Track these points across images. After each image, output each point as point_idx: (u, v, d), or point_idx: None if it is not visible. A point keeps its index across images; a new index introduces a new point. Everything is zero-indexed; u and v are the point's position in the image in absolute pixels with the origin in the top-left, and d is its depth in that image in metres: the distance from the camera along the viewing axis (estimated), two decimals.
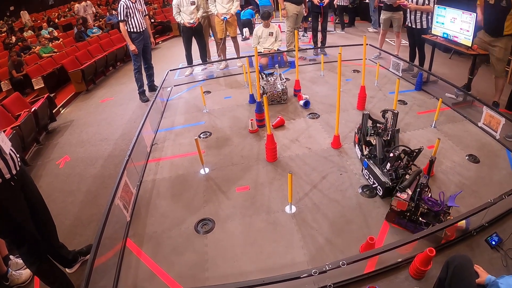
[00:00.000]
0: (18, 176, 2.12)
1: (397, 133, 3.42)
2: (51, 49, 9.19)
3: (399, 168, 2.99)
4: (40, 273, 2.39)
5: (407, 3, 5.43)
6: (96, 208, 3.42)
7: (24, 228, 2.16)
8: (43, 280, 2.44)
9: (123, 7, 5.22)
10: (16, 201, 2.12)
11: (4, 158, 2.00)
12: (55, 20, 14.89)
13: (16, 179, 2.10)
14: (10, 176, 2.05)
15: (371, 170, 3.22)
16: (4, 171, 2.01)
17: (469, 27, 4.42)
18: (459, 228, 2.64)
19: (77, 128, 5.37)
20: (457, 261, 1.95)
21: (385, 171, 3.06)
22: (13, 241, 2.23)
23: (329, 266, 2.18)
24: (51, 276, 2.42)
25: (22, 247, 2.22)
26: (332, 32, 9.40)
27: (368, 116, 3.49)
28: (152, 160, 4.08)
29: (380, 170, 3.14)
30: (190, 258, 2.71)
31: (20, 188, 2.15)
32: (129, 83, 6.92)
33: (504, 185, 3.14)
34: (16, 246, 2.23)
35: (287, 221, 2.96)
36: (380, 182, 3.07)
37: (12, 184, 2.07)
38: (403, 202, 2.67)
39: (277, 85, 5.06)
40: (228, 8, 6.29)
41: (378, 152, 3.22)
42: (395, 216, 2.78)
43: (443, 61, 6.58)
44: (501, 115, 3.76)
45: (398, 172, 3.00)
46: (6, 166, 2.02)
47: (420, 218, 2.68)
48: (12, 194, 2.08)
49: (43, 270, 2.37)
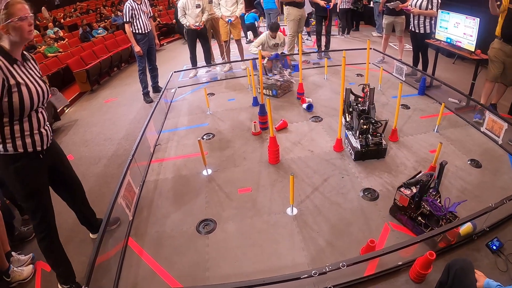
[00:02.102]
0: (48, 151, 2.29)
1: (373, 109, 3.86)
2: (56, 49, 9.25)
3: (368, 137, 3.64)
4: (47, 252, 2.43)
5: (410, 8, 5.44)
6: (99, 207, 3.41)
7: (40, 197, 2.28)
8: (49, 260, 2.47)
9: (128, 8, 5.27)
10: (39, 171, 2.25)
11: (40, 133, 2.17)
12: (61, 20, 14.99)
13: (45, 154, 2.26)
14: (40, 149, 2.20)
15: (348, 139, 3.82)
16: (37, 143, 2.16)
17: (472, 32, 4.43)
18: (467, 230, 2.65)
19: (81, 127, 5.41)
20: (458, 265, 1.95)
21: (356, 139, 3.67)
22: (28, 208, 2.31)
23: (329, 268, 2.19)
24: (57, 258, 2.47)
25: (36, 217, 2.30)
26: (336, 36, 9.43)
27: (350, 90, 4.10)
28: (155, 160, 4.10)
29: (354, 139, 3.72)
30: (191, 258, 2.73)
31: (47, 161, 2.32)
32: (134, 84, 6.96)
33: (506, 190, 3.14)
34: (31, 214, 2.31)
35: (288, 223, 2.97)
36: (352, 147, 3.70)
37: (41, 157, 2.23)
38: (404, 197, 2.75)
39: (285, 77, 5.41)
40: (232, 11, 6.33)
41: (354, 124, 3.76)
42: (397, 210, 2.89)
43: (446, 66, 6.59)
44: (504, 120, 3.76)
45: (368, 141, 3.63)
46: (40, 139, 2.18)
47: (419, 218, 2.71)
48: (37, 164, 2.22)
49: (52, 250, 2.43)
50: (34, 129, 2.11)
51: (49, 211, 2.36)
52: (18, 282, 2.67)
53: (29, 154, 2.13)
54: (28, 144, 2.10)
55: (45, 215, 2.32)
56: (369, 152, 3.68)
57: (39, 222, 2.32)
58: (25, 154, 2.11)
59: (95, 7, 17.32)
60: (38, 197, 2.27)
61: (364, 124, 3.65)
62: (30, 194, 2.23)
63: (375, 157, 3.74)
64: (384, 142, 3.71)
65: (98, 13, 15.02)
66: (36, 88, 2.03)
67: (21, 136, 2.07)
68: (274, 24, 6.22)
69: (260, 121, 4.43)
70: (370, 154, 3.71)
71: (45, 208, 2.31)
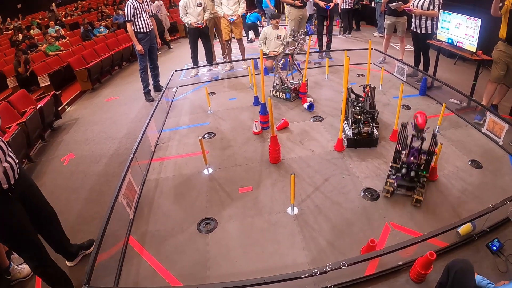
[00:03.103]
0: (16, 184, 2.08)
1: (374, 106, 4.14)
2: (57, 47, 9.27)
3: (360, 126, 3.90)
4: (44, 277, 2.40)
5: (412, 8, 5.44)
6: (99, 205, 3.45)
7: (23, 236, 2.14)
8: (46, 282, 2.44)
9: (130, 7, 5.27)
10: (14, 211, 2.07)
11: (3, 168, 1.95)
12: (62, 18, 14.99)
13: (13, 189, 2.05)
14: (7, 186, 2.00)
15: (344, 130, 4.00)
16: (2, 182, 1.96)
17: (474, 32, 4.43)
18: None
19: (82, 126, 5.42)
20: (458, 266, 1.96)
21: (350, 128, 3.97)
22: (15, 249, 2.24)
23: (329, 267, 2.19)
24: (53, 278, 2.43)
25: (24, 252, 2.24)
26: (337, 36, 9.42)
27: (351, 90, 4.24)
28: (156, 159, 4.11)
29: (348, 127, 4.01)
30: (192, 257, 2.73)
31: (19, 195, 2.12)
32: (135, 83, 6.97)
33: (506, 190, 3.14)
34: (19, 252, 2.25)
35: (289, 222, 2.97)
36: (345, 134, 3.96)
37: (10, 195, 2.03)
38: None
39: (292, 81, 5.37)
40: (234, 10, 6.34)
41: (349, 115, 4.04)
42: None
43: (447, 66, 6.59)
44: (505, 121, 3.76)
45: (360, 130, 3.88)
46: (5, 177, 1.97)
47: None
48: (9, 205, 2.04)
49: (47, 274, 2.39)
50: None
51: (36, 244, 2.23)
52: (18, 280, 2.68)
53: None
54: None
55: (33, 249, 2.23)
56: (361, 140, 3.91)
57: (29, 257, 2.26)
58: None
59: (96, 6, 17.32)
60: (21, 236, 2.13)
61: (356, 114, 3.93)
62: (11, 237, 2.11)
63: (367, 146, 3.94)
64: (376, 132, 3.94)
65: (99, 11, 15.00)
66: None
67: None
68: (274, 14, 6.28)
69: (261, 120, 4.43)
70: (362, 142, 3.93)
71: (31, 242, 2.20)
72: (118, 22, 12.28)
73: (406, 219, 2.92)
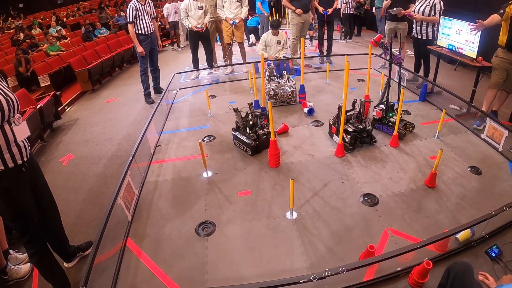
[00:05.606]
0: (28, 163, 2.16)
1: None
2: (58, 48, 9.28)
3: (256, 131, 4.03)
4: (40, 266, 2.41)
5: (413, 14, 5.46)
6: (98, 207, 3.44)
7: (28, 216, 2.19)
8: (42, 274, 2.45)
9: (132, 9, 5.29)
10: (23, 189, 2.15)
11: (18, 145, 2.04)
12: (64, 19, 15.02)
13: (26, 166, 2.14)
14: (21, 162, 2.08)
15: (238, 138, 4.13)
16: (17, 157, 2.04)
17: (474, 39, 4.44)
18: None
19: (82, 127, 5.41)
20: (458, 268, 1.96)
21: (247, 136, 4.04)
22: (17, 228, 2.26)
23: (328, 272, 2.18)
24: (50, 272, 2.44)
25: (25, 235, 2.25)
26: (338, 41, 9.45)
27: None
28: (155, 161, 4.10)
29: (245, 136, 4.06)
30: (190, 261, 2.72)
31: (29, 176, 2.20)
32: (135, 85, 6.97)
33: (505, 197, 3.14)
34: (20, 233, 2.26)
35: (288, 227, 2.97)
36: (246, 144, 4.03)
37: (23, 170, 2.12)
38: (379, 111, 4.23)
39: (286, 87, 5.24)
40: (236, 13, 6.35)
41: (240, 124, 4.12)
42: (376, 122, 4.33)
43: (447, 72, 6.61)
44: (505, 128, 3.77)
45: (257, 134, 3.99)
46: (19, 152, 2.06)
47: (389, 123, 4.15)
48: (20, 181, 2.12)
49: (44, 264, 2.39)
50: (10, 142, 1.98)
51: (38, 229, 2.28)
52: (15, 280, 2.66)
53: (9, 170, 2.01)
54: (8, 159, 1.98)
55: (35, 233, 2.26)
56: (262, 145, 4.05)
57: (29, 240, 2.27)
58: (6, 171, 1.99)
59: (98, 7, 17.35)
60: (26, 217, 2.18)
61: (246, 121, 4.06)
62: (17, 215, 2.16)
63: (267, 147, 3.94)
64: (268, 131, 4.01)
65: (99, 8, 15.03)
66: (5, 98, 1.91)
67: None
68: (275, 21, 6.30)
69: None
70: (263, 146, 4.06)
71: (34, 226, 2.24)
72: (119, 23, 12.30)
73: (405, 225, 2.92)
